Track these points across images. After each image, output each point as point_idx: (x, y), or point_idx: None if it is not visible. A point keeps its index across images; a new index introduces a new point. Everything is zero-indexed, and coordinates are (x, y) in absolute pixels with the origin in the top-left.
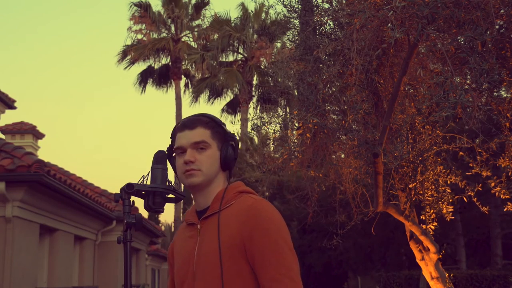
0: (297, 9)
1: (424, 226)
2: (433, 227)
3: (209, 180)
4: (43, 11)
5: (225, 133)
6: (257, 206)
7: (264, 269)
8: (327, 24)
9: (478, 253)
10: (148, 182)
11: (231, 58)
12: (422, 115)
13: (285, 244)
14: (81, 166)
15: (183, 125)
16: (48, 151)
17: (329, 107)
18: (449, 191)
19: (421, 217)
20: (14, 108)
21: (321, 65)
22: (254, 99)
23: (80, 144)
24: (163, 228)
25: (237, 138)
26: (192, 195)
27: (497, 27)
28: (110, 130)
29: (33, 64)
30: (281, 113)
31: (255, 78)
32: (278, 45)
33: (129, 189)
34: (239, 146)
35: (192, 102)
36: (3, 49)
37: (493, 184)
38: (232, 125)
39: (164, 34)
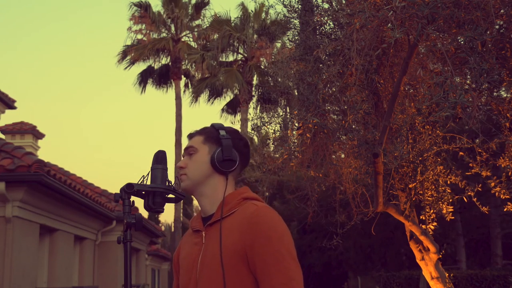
0: (297, 9)
1: (424, 226)
2: (433, 227)
3: (197, 184)
4: (43, 11)
5: (219, 136)
6: (259, 214)
7: (265, 278)
8: (327, 24)
9: (478, 253)
10: (148, 182)
11: (231, 58)
12: (422, 115)
13: (287, 253)
14: (81, 166)
15: (187, 136)
16: (48, 151)
17: (329, 107)
18: (449, 191)
19: (421, 217)
20: (14, 108)
21: (321, 65)
22: (254, 99)
23: (80, 144)
24: (163, 228)
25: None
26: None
27: (497, 27)
28: (110, 130)
29: (33, 64)
30: (281, 113)
31: (255, 78)
32: (278, 45)
33: (129, 189)
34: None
35: (192, 102)
36: (3, 50)
37: (493, 184)
38: (232, 125)
39: (164, 34)
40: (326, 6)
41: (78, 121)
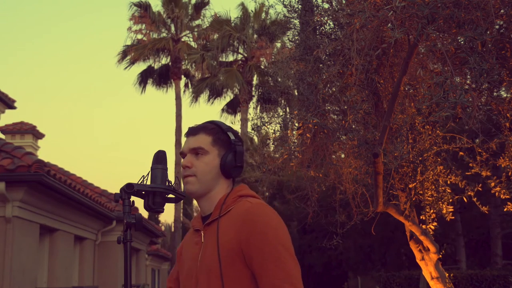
0: (297, 9)
1: (424, 226)
2: (433, 227)
3: (207, 188)
4: (43, 14)
5: (229, 140)
6: (253, 211)
7: (263, 275)
8: (327, 24)
9: (478, 253)
10: (148, 182)
11: (231, 58)
12: (422, 115)
13: (284, 248)
14: (81, 166)
15: (188, 131)
16: (48, 151)
17: (329, 107)
18: (449, 191)
19: (421, 217)
20: (14, 108)
21: (321, 65)
22: (254, 99)
23: (80, 144)
24: (163, 228)
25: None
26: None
27: (497, 27)
28: (110, 130)
29: (33, 64)
30: (281, 113)
31: (255, 78)
32: (278, 45)
33: (129, 189)
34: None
35: (192, 102)
36: (3, 50)
37: (493, 184)
38: (232, 125)
39: (164, 34)
40: (326, 6)
41: (78, 121)
